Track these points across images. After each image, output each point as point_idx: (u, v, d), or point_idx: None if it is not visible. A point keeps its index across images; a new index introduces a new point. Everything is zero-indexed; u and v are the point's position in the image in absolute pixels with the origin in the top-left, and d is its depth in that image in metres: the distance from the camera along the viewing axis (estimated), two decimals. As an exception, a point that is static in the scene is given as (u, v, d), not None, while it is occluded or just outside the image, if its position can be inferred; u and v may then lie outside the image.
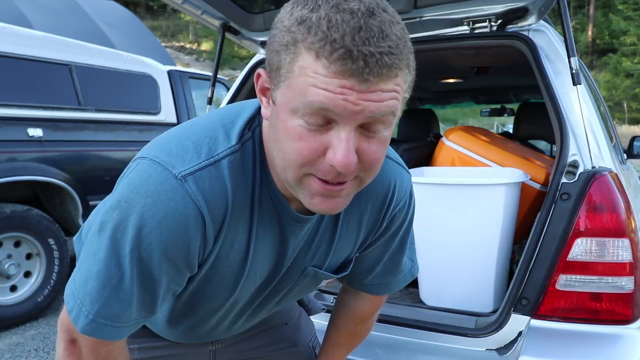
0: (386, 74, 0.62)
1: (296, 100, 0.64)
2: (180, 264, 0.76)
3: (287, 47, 0.64)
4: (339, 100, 0.62)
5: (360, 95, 0.62)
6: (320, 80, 0.62)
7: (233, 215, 0.76)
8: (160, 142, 0.78)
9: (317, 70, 0.62)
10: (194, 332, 1.00)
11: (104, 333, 0.76)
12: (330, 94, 0.62)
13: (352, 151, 0.65)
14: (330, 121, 0.64)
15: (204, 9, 2.13)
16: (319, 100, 0.62)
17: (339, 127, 0.64)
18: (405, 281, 1.08)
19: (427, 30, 2.07)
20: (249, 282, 0.87)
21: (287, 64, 0.65)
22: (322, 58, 0.61)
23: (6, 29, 3.27)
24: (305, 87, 0.63)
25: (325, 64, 0.61)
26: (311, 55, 0.62)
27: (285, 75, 0.65)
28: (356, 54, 0.60)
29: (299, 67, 0.63)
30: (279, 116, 0.68)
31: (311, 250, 0.90)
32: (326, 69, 0.61)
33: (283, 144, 0.68)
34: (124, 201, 0.72)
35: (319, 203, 0.70)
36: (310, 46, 0.62)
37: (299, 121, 0.65)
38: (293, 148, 0.66)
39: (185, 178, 0.72)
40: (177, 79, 4.53)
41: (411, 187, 0.98)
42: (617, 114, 24.64)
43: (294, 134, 0.66)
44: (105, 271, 0.73)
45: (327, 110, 0.63)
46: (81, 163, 3.49)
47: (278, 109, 0.68)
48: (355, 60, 0.60)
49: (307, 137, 0.65)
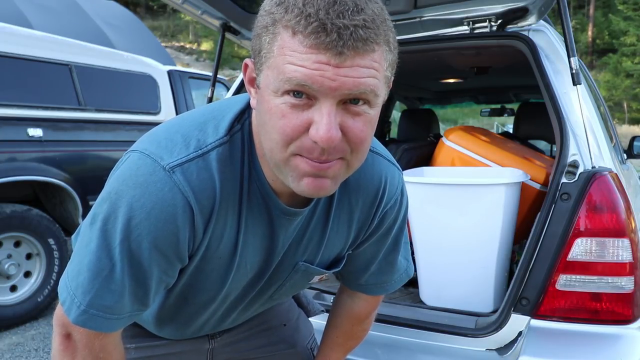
0: (362, 47, 0.63)
1: (276, 79, 0.65)
2: (170, 254, 0.76)
3: (267, 28, 0.66)
4: (316, 75, 0.63)
5: (337, 70, 0.63)
6: (296, 57, 0.63)
7: (221, 207, 0.77)
8: (150, 136, 0.79)
9: (293, 47, 0.63)
10: (187, 327, 1.00)
11: (96, 324, 0.76)
12: (307, 70, 0.63)
13: (334, 126, 0.65)
14: (311, 97, 0.65)
15: (204, 9, 2.13)
16: (296, 77, 0.63)
17: (319, 103, 0.65)
18: (400, 281, 1.08)
19: (427, 30, 2.07)
20: (240, 275, 0.88)
21: (267, 45, 0.66)
22: (298, 34, 0.63)
23: (6, 29, 3.27)
24: (283, 65, 0.64)
25: (301, 39, 0.62)
26: (288, 33, 0.64)
27: (265, 57, 0.67)
28: (330, 26, 0.61)
29: (278, 46, 0.65)
30: (263, 99, 0.69)
31: (302, 245, 0.91)
32: (302, 45, 0.62)
33: (268, 125, 0.69)
34: (114, 193, 0.73)
35: (306, 184, 0.70)
36: (287, 24, 0.63)
37: (280, 99, 0.66)
38: (277, 127, 0.67)
39: (173, 169, 0.72)
40: (177, 79, 4.53)
41: (403, 184, 0.98)
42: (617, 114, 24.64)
43: (277, 113, 0.66)
44: (97, 262, 0.74)
45: (305, 86, 0.64)
46: (81, 163, 3.49)
47: (262, 92, 0.69)
48: (329, 33, 0.61)
49: (290, 115, 0.66)
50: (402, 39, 2.04)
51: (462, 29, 2.00)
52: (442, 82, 3.53)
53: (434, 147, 2.53)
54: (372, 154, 0.91)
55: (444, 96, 4.37)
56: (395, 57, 0.71)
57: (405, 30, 2.06)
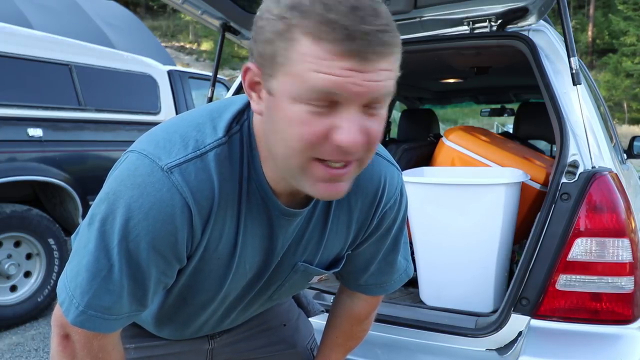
0: (384, 52, 0.63)
1: (298, 86, 0.64)
2: (169, 255, 0.76)
3: (282, 34, 0.64)
4: (345, 83, 0.62)
5: (363, 76, 0.63)
6: (322, 64, 0.62)
7: (220, 207, 0.77)
8: (148, 136, 0.79)
9: (318, 54, 0.62)
10: (186, 327, 1.00)
11: (94, 325, 0.76)
12: (334, 77, 0.62)
13: (359, 130, 0.65)
14: (333, 103, 0.65)
15: (204, 9, 2.13)
16: (323, 85, 0.62)
17: (343, 108, 0.65)
18: (400, 281, 1.08)
19: (427, 30, 2.07)
20: (239, 275, 0.88)
21: (284, 52, 0.64)
22: (322, 41, 0.61)
23: (6, 29, 3.27)
24: (306, 72, 0.63)
25: (326, 46, 0.61)
26: (309, 39, 0.62)
27: (282, 63, 0.65)
28: (356, 33, 0.61)
29: (298, 52, 0.63)
30: (278, 106, 0.67)
31: (301, 245, 0.91)
32: (327, 52, 0.61)
33: (285, 132, 0.67)
34: (112, 194, 0.73)
35: (323, 189, 0.71)
36: (307, 30, 0.62)
37: (301, 107, 0.65)
38: (297, 134, 0.66)
39: (171, 170, 0.72)
40: (177, 79, 4.53)
41: (402, 184, 0.98)
42: (617, 114, 24.64)
43: (297, 120, 0.65)
44: (95, 263, 0.74)
45: (332, 93, 0.63)
46: (81, 163, 3.49)
47: (276, 99, 0.67)
48: (355, 39, 0.61)
49: (311, 122, 0.65)
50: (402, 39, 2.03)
51: (462, 29, 2.00)
52: (442, 82, 3.53)
53: (434, 147, 2.53)
54: None
55: (444, 96, 4.36)
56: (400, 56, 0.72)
57: (405, 30, 2.05)
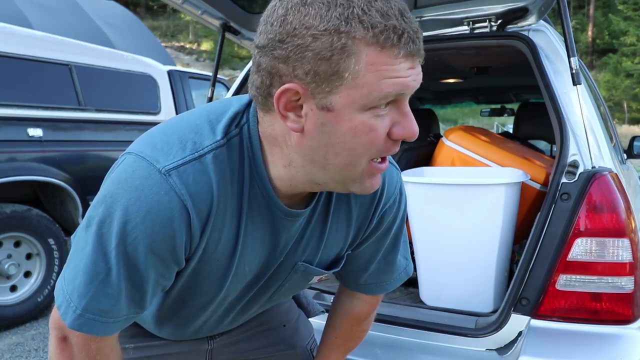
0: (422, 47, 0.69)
1: (368, 96, 0.67)
2: (167, 258, 0.76)
3: (342, 48, 0.64)
4: (410, 82, 0.68)
5: (416, 71, 0.69)
6: (392, 70, 0.66)
7: (219, 209, 0.77)
8: (145, 138, 0.78)
9: (385, 61, 0.66)
10: (185, 328, 1.00)
11: (92, 328, 0.76)
12: (402, 79, 0.67)
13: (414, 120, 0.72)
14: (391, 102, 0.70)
15: (204, 9, 2.13)
16: (395, 88, 0.67)
17: (400, 105, 0.71)
18: (400, 280, 1.08)
19: (427, 30, 2.07)
20: (239, 277, 0.87)
21: (347, 65, 0.65)
22: (388, 48, 0.65)
23: (6, 29, 3.27)
24: (377, 81, 0.66)
25: (393, 51, 0.65)
26: (375, 49, 0.65)
27: (345, 77, 0.66)
28: (413, 35, 0.66)
29: (364, 63, 0.65)
30: (342, 119, 0.68)
31: (301, 245, 0.91)
32: (394, 57, 0.66)
33: (349, 143, 0.70)
34: (109, 196, 0.73)
35: (370, 185, 0.76)
36: (370, 40, 0.65)
37: (367, 115, 0.68)
38: (364, 141, 0.70)
39: (169, 172, 0.72)
40: (177, 79, 4.53)
41: (401, 183, 0.98)
42: (617, 114, 24.63)
43: (365, 128, 0.69)
44: (93, 266, 0.73)
45: (400, 94, 0.69)
46: (81, 163, 3.49)
47: (337, 113, 0.68)
48: (414, 41, 0.67)
49: (377, 126, 0.69)
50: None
51: (462, 29, 1.99)
52: (442, 82, 3.53)
53: (434, 147, 2.53)
54: None
55: (444, 96, 4.36)
56: None
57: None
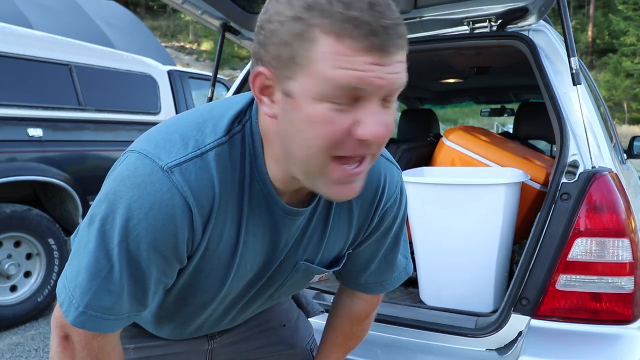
0: (401, 44, 0.66)
1: (322, 85, 0.64)
2: (169, 255, 0.76)
3: (300, 35, 0.64)
4: (369, 77, 0.64)
5: (385, 69, 0.64)
6: (346, 61, 0.63)
7: (221, 207, 0.77)
8: (148, 136, 0.79)
9: (341, 51, 0.63)
10: (186, 326, 1.00)
11: (94, 325, 0.76)
12: (358, 72, 0.63)
13: (381, 123, 0.67)
14: (354, 99, 0.66)
15: (204, 9, 2.13)
16: (348, 80, 0.63)
17: (365, 102, 0.66)
18: (400, 279, 1.08)
19: (427, 30, 2.07)
20: (240, 275, 0.87)
21: (304, 52, 0.65)
22: (346, 38, 0.63)
23: (6, 29, 3.27)
24: (330, 70, 0.63)
25: (350, 42, 0.63)
26: (331, 38, 0.63)
27: (302, 64, 0.65)
28: (378, 28, 0.62)
29: (321, 52, 0.64)
30: (299, 106, 0.67)
31: (303, 244, 0.91)
32: (351, 48, 0.63)
33: (307, 133, 0.67)
34: (111, 194, 0.73)
35: (338, 190, 0.72)
36: (328, 29, 0.63)
37: (324, 105, 0.65)
38: (320, 133, 0.66)
39: (171, 169, 0.72)
40: (177, 79, 4.53)
41: (402, 182, 0.98)
42: (617, 114, 24.63)
43: (321, 119, 0.66)
44: (95, 263, 0.74)
45: (357, 89, 0.64)
46: (81, 163, 3.49)
47: (296, 100, 0.67)
48: (378, 34, 0.62)
49: (335, 119, 0.66)
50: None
51: (462, 29, 1.99)
52: (442, 82, 3.53)
53: (434, 147, 2.53)
54: None
55: (444, 96, 4.37)
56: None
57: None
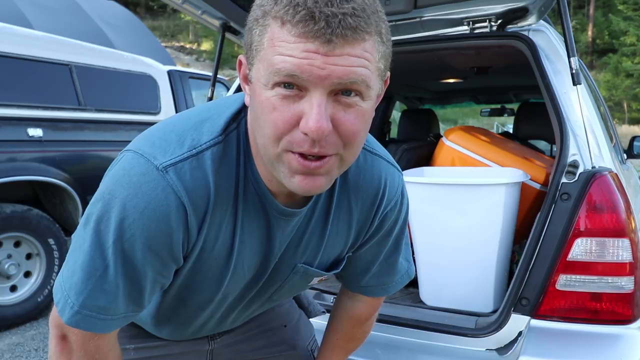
0: (351, 36, 0.62)
1: (267, 71, 0.65)
2: (164, 255, 0.76)
3: (257, 21, 0.66)
4: (305, 64, 0.62)
5: (326, 59, 0.62)
6: (285, 47, 0.62)
7: (216, 207, 0.76)
8: (145, 135, 0.79)
9: (282, 37, 0.63)
10: (185, 328, 1.00)
11: (89, 325, 0.76)
12: (295, 59, 0.62)
13: (324, 117, 0.63)
14: (301, 89, 0.64)
15: (204, 9, 2.13)
16: (285, 67, 0.62)
17: (309, 94, 0.64)
18: (402, 283, 1.07)
19: (427, 30, 2.07)
20: (237, 276, 0.87)
21: (257, 38, 0.66)
22: (287, 23, 0.62)
23: (6, 29, 3.27)
24: (273, 56, 0.64)
25: (289, 28, 0.62)
26: (277, 24, 0.63)
27: (256, 50, 0.67)
28: (318, 14, 0.61)
29: (268, 38, 0.64)
30: (255, 92, 0.68)
31: (301, 247, 0.90)
32: (290, 34, 0.62)
33: (260, 119, 0.68)
34: (107, 193, 0.73)
35: (298, 182, 0.69)
36: (276, 15, 0.63)
37: (271, 92, 0.65)
38: (269, 120, 0.66)
39: (166, 169, 0.72)
40: (177, 79, 4.53)
41: (403, 186, 0.98)
42: (617, 114, 24.62)
43: (269, 106, 0.66)
44: (90, 262, 0.74)
45: (294, 76, 0.63)
46: (81, 163, 3.49)
47: (254, 86, 0.69)
48: (317, 21, 0.61)
49: (281, 108, 0.65)
50: (402, 39, 2.04)
51: (462, 29, 1.99)
52: (442, 82, 3.53)
53: (434, 147, 2.53)
54: (371, 156, 0.91)
55: (444, 96, 4.36)
56: (389, 50, 0.70)
57: (405, 30, 2.05)
